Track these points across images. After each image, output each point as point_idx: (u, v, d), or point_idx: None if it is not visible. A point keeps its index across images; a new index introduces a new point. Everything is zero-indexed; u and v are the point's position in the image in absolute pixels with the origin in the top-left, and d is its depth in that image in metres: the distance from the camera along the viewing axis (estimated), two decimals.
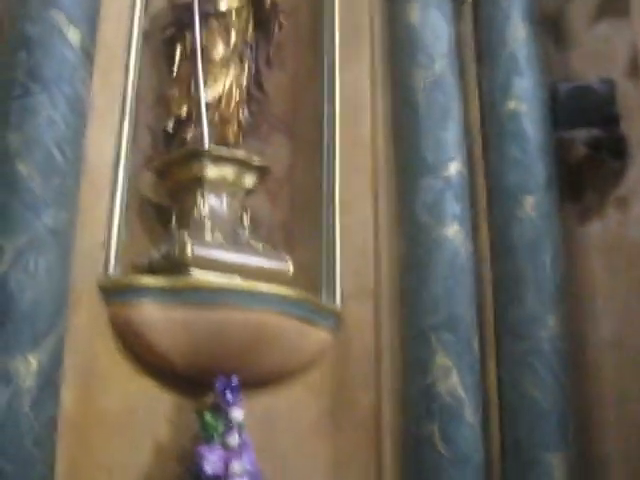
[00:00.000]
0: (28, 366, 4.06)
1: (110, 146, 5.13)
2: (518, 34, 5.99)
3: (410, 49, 5.88)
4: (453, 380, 5.18)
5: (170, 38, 5.85)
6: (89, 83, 4.72)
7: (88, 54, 4.70)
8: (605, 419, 5.59)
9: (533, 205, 5.65)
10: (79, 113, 4.59)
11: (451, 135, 5.67)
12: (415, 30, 5.89)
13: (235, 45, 5.80)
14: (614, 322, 5.71)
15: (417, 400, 5.24)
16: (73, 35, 4.60)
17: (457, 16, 6.19)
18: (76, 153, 4.55)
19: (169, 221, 5.46)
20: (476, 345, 5.38)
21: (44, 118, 4.40)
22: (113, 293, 4.92)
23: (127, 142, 5.19)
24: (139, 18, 5.44)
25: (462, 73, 6.05)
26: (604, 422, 5.59)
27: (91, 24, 4.78)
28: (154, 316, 4.92)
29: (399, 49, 5.98)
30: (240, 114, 5.76)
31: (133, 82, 5.31)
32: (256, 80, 5.98)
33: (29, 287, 4.15)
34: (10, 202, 4.24)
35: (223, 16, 5.80)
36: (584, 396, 5.61)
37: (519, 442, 5.33)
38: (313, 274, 5.64)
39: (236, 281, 5.10)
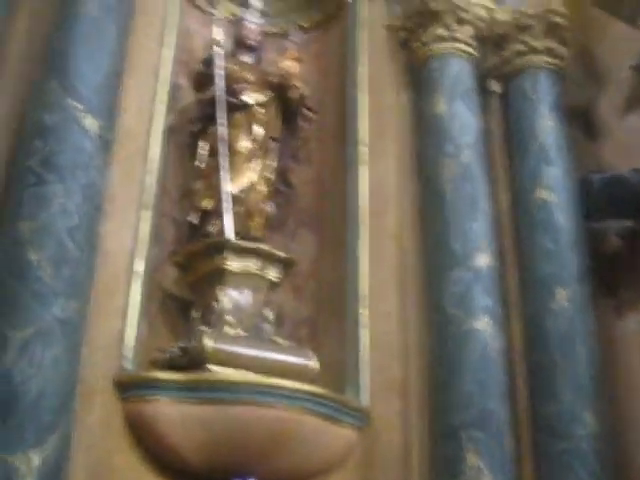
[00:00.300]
0: (29, 464, 3.72)
1: (129, 237, 4.86)
2: (547, 125, 5.68)
3: (436, 140, 5.60)
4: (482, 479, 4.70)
5: (196, 132, 5.63)
6: (106, 172, 4.48)
7: (106, 143, 4.48)
8: None
9: (566, 297, 5.22)
10: (94, 202, 4.36)
11: (479, 225, 5.33)
12: (442, 121, 5.62)
13: (261, 139, 5.56)
14: None
15: None
16: (90, 124, 4.40)
17: (484, 107, 5.93)
18: (90, 242, 4.30)
19: (190, 315, 5.15)
20: (509, 444, 4.89)
21: (57, 207, 4.18)
22: (128, 388, 4.56)
23: (147, 234, 4.92)
24: (161, 111, 5.23)
25: (490, 163, 5.76)
26: None
27: (110, 114, 4.58)
28: (170, 412, 4.54)
29: (425, 140, 5.71)
30: (265, 208, 5.47)
31: (154, 174, 5.06)
32: (282, 174, 5.71)
33: (34, 380, 3.85)
34: (19, 291, 3.99)
35: (249, 110, 5.57)
36: None
37: None
38: (339, 370, 5.23)
39: (254, 377, 4.67)
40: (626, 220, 5.61)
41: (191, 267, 5.25)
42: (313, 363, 4.98)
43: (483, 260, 5.22)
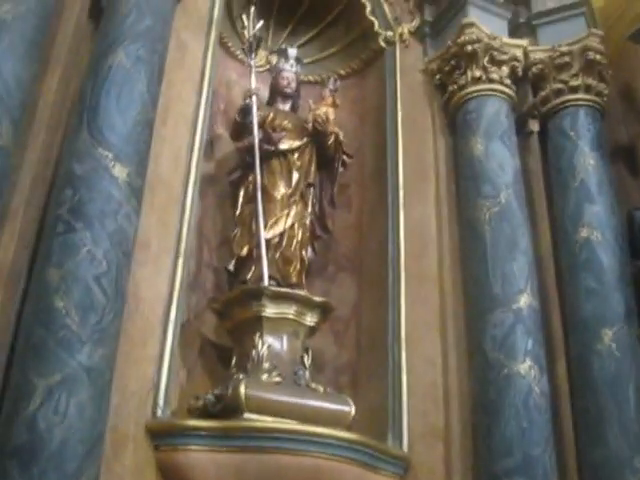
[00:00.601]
0: None
1: (164, 285, 4.71)
2: (588, 162, 5.41)
3: (474, 181, 5.41)
4: None
5: (235, 181, 5.54)
6: (135, 219, 4.37)
7: (135, 191, 4.36)
8: None
9: (613, 338, 4.89)
10: (123, 249, 4.22)
11: (520, 266, 5.08)
12: (479, 163, 5.44)
13: (297, 184, 5.45)
14: None
15: None
16: (119, 172, 4.29)
17: (523, 147, 5.74)
18: (118, 289, 4.14)
19: (230, 362, 4.99)
20: None
21: (84, 254, 4.05)
22: (160, 436, 4.37)
23: (181, 281, 4.76)
24: (198, 160, 5.13)
25: (531, 203, 5.54)
26: None
27: (140, 162, 4.46)
28: (203, 461, 4.35)
29: (463, 182, 5.53)
30: (303, 253, 5.32)
31: (190, 222, 4.94)
32: (320, 220, 5.57)
33: (58, 428, 3.69)
34: (45, 338, 3.85)
35: (284, 156, 5.48)
36: None
37: None
38: (379, 416, 4.99)
39: (290, 424, 4.46)
40: None
41: (229, 314, 5.08)
42: (350, 409, 4.73)
43: (524, 301, 4.96)
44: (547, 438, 4.68)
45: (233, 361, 4.95)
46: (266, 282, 4.99)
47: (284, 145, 5.50)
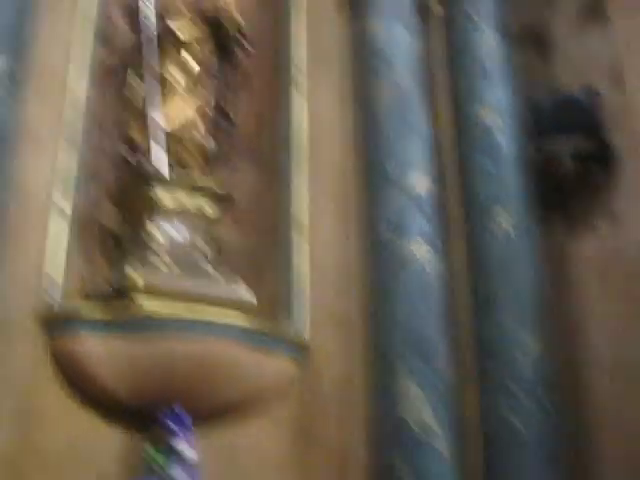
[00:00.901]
0: None
1: (48, 171, 4.73)
2: (489, 45, 5.47)
3: (374, 64, 5.42)
4: (422, 409, 4.55)
5: (133, 71, 5.47)
6: (14, 105, 4.38)
7: (12, 77, 4.36)
8: (601, 445, 4.92)
9: (507, 220, 5.04)
10: (1, 137, 4.25)
11: (415, 147, 5.16)
12: (379, 45, 5.43)
13: (197, 74, 5.38)
14: (609, 341, 5.08)
15: (386, 433, 4.65)
16: None
17: (425, 28, 5.72)
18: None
19: (127, 251, 5.03)
20: (449, 371, 4.74)
21: None
22: (53, 325, 4.47)
23: (70, 168, 4.81)
24: (85, 45, 5.10)
25: (432, 87, 5.56)
26: (600, 449, 4.91)
27: (18, 48, 4.45)
28: (96, 349, 4.44)
29: (364, 65, 5.53)
30: (203, 143, 5.31)
31: (79, 108, 4.94)
32: (222, 109, 5.54)
33: None
34: None
35: (184, 46, 5.40)
36: (577, 423, 4.95)
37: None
38: (281, 304, 5.10)
39: (181, 310, 4.54)
40: (577, 140, 5.42)
41: (125, 201, 5.11)
42: (250, 296, 4.84)
43: (418, 182, 5.04)
44: (441, 318, 4.83)
45: (130, 250, 4.97)
46: (164, 171, 5.01)
47: (184, 35, 5.42)
